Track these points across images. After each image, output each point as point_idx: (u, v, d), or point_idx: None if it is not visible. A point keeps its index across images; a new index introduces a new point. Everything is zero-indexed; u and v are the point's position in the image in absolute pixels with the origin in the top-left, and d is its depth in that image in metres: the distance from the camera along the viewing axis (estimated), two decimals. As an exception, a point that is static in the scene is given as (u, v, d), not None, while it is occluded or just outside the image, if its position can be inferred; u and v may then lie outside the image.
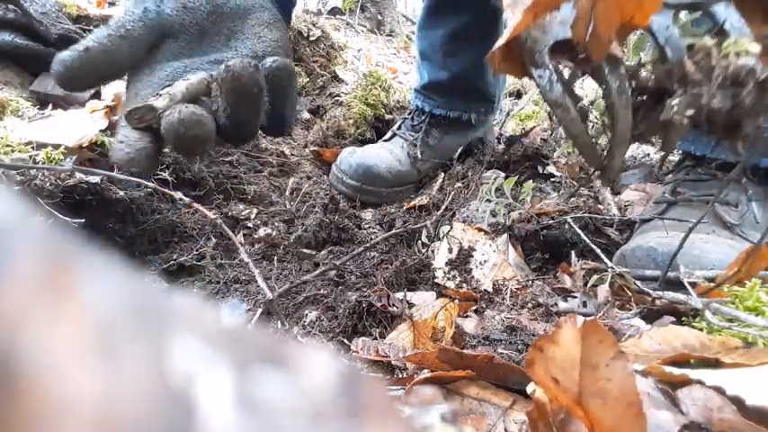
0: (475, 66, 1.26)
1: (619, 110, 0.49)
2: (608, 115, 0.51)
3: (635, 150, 1.51)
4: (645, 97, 0.51)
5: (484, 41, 1.26)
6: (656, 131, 0.51)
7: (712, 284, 0.63)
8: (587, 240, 0.83)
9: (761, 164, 0.84)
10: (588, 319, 0.35)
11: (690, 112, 0.47)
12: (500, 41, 0.51)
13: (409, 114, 1.35)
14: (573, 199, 1.05)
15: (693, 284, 0.65)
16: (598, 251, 0.79)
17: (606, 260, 0.77)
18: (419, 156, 1.28)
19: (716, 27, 0.49)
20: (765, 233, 0.68)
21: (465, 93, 1.29)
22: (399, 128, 1.34)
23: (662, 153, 1.09)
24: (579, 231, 0.86)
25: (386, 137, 1.35)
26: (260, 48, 0.61)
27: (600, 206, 1.03)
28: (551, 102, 0.50)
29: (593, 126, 0.54)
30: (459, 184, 1.21)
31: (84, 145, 0.93)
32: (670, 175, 0.95)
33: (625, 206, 1.04)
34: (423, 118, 1.31)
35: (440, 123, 1.30)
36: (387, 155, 1.27)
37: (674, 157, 1.08)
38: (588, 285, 0.76)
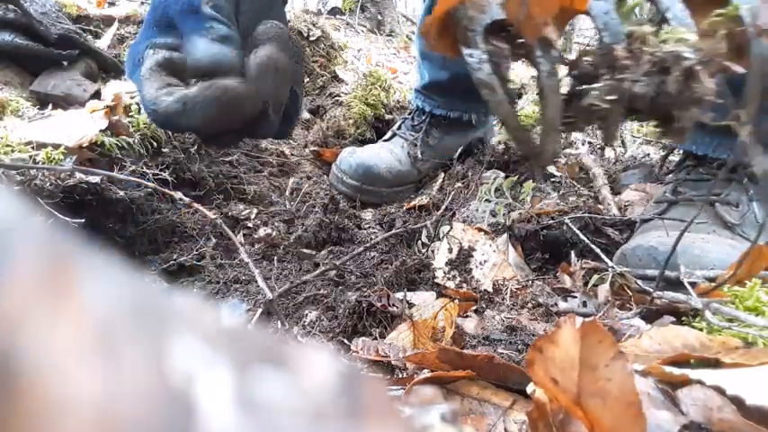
0: None
1: (548, 94, 0.49)
2: (538, 100, 0.51)
3: (635, 150, 1.51)
4: (581, 85, 0.50)
5: None
6: (591, 120, 0.51)
7: (713, 284, 0.63)
8: (587, 240, 0.83)
9: None
10: (587, 319, 0.35)
11: (611, 97, 0.47)
12: (432, 16, 0.51)
13: (409, 114, 1.35)
14: (573, 199, 1.05)
15: (694, 284, 0.65)
16: (598, 251, 0.79)
17: (606, 260, 0.77)
18: (419, 156, 1.28)
19: (659, 15, 0.48)
20: (761, 231, 0.68)
21: (465, 93, 1.28)
22: (399, 128, 1.34)
23: (662, 153, 1.10)
24: (578, 232, 0.85)
25: (386, 137, 1.35)
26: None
27: (600, 206, 1.03)
28: (478, 82, 0.50)
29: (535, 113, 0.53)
30: (459, 184, 1.20)
31: (84, 145, 0.93)
32: (671, 175, 0.95)
33: (625, 206, 1.04)
34: (423, 118, 1.31)
35: (440, 123, 1.30)
36: (387, 155, 1.27)
37: (675, 158, 1.08)
38: (589, 285, 0.76)
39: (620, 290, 0.74)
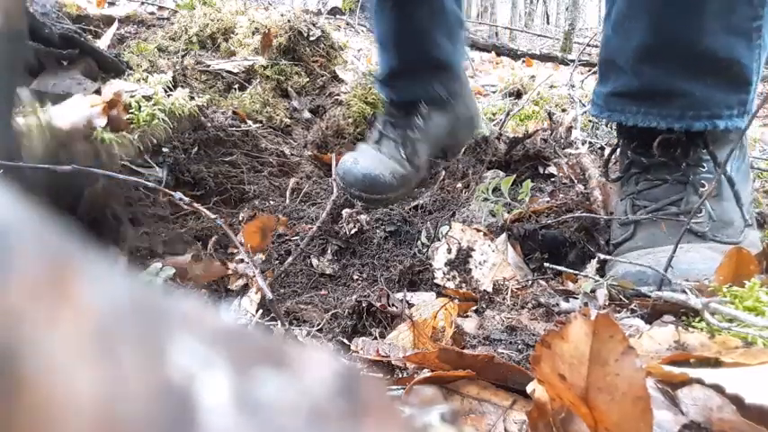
0: (421, 27, 1.19)
1: None
2: None
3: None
4: None
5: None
6: None
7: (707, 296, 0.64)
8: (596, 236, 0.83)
9: (692, 128, 0.82)
10: (601, 312, 0.35)
11: None
12: None
13: (385, 109, 1.32)
14: (562, 196, 1.05)
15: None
16: (598, 255, 0.79)
17: (596, 277, 0.76)
18: (412, 151, 1.25)
19: None
20: (692, 214, 0.69)
21: (418, 69, 1.23)
22: (384, 127, 1.30)
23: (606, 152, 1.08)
24: (596, 216, 0.85)
25: (374, 137, 1.31)
26: None
27: (593, 207, 1.03)
28: None
29: None
30: (459, 185, 1.20)
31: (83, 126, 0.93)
32: (623, 188, 0.93)
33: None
34: (392, 110, 1.27)
35: (410, 111, 1.26)
36: (387, 160, 1.24)
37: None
38: (588, 291, 0.76)
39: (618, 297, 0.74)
